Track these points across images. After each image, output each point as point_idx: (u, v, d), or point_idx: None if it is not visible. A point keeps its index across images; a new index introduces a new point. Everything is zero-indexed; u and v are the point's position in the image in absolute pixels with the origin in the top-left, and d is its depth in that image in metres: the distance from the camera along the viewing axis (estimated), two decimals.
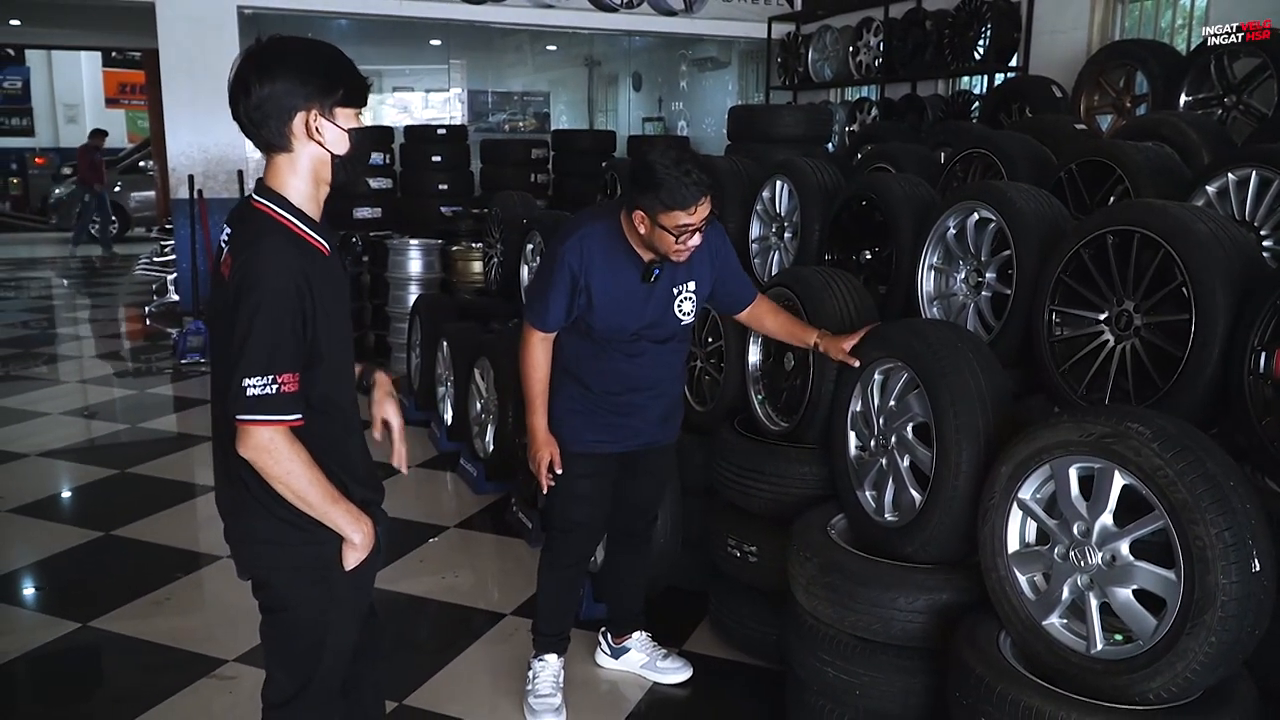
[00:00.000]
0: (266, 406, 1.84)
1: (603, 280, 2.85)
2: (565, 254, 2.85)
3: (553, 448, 3.00)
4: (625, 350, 2.96)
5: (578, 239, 2.87)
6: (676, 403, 3.19)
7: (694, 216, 2.69)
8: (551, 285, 2.87)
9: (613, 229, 2.88)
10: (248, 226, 1.93)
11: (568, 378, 3.01)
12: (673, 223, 2.69)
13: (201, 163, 8.70)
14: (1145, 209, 2.76)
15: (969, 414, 2.55)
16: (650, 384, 3.03)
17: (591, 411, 3.01)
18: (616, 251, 2.87)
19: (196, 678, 3.35)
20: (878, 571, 2.65)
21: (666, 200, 2.66)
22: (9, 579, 4.13)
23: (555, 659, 3.23)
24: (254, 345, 1.82)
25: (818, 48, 9.59)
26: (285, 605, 2.06)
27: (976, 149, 4.25)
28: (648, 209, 2.71)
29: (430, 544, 4.52)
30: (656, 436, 3.14)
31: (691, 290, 2.97)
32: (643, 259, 2.87)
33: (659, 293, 2.92)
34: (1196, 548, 1.97)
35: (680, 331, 3.03)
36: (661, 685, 3.35)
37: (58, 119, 21.17)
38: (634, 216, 2.77)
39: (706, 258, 2.98)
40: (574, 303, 2.87)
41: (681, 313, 2.97)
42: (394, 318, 7.65)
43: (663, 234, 2.72)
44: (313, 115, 1.91)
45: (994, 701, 2.16)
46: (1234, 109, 5.22)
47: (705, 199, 2.70)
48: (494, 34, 11.49)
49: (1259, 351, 2.44)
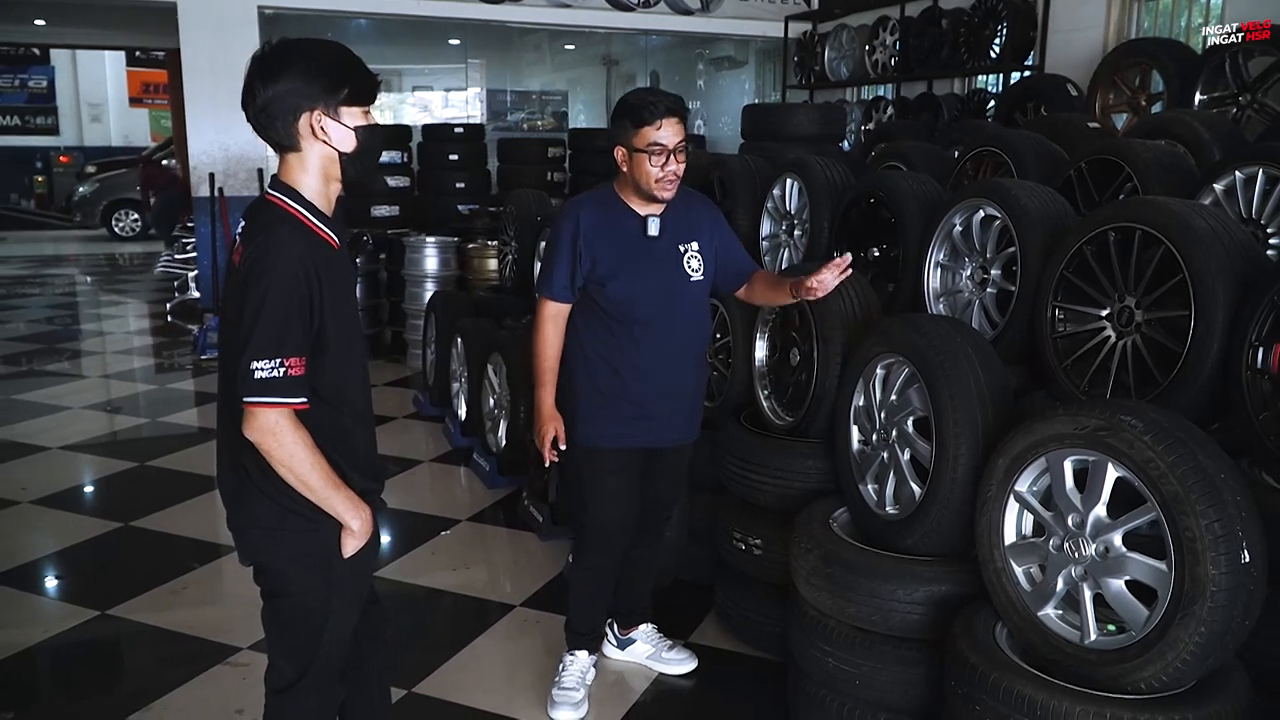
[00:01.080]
0: (273, 389, 1.88)
1: (603, 240, 2.93)
2: (561, 222, 2.98)
3: (557, 423, 3.02)
4: (639, 318, 2.95)
5: (573, 206, 3.02)
6: (699, 394, 3.18)
7: (662, 133, 2.79)
8: (554, 252, 2.96)
9: (607, 194, 3.00)
10: (260, 217, 2.00)
11: (589, 366, 3.01)
12: (644, 141, 2.79)
13: (222, 161, 8.79)
14: (1146, 206, 2.78)
15: (968, 408, 2.58)
16: (667, 370, 3.01)
17: (615, 404, 3.00)
18: (613, 209, 2.97)
19: (211, 665, 3.41)
20: (877, 564, 2.68)
21: (634, 118, 2.79)
22: (31, 568, 4.21)
23: (585, 655, 3.24)
24: (262, 329, 1.88)
25: (834, 46, 9.59)
26: (286, 591, 2.11)
27: (987, 147, 4.27)
28: (622, 137, 2.84)
29: (443, 537, 4.57)
30: (680, 434, 3.14)
31: (696, 249, 3.01)
32: (639, 214, 2.95)
33: (664, 249, 2.97)
34: (1186, 539, 1.99)
35: (690, 293, 3.01)
36: (667, 676, 3.39)
37: (82, 118, 21.38)
38: (616, 155, 2.88)
39: (706, 223, 3.06)
40: (577, 267, 2.92)
41: (690, 269, 2.99)
42: (410, 314, 7.73)
43: (640, 160, 2.82)
44: (317, 115, 1.96)
45: (989, 691, 2.19)
46: (1248, 108, 5.21)
47: (673, 119, 2.80)
48: (512, 33, 11.55)
49: (1257, 347, 2.47)
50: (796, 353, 3.40)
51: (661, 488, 3.23)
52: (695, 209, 3.07)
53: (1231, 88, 5.29)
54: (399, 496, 4.97)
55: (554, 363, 3.02)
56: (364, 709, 2.41)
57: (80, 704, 3.25)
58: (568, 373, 3.07)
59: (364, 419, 2.18)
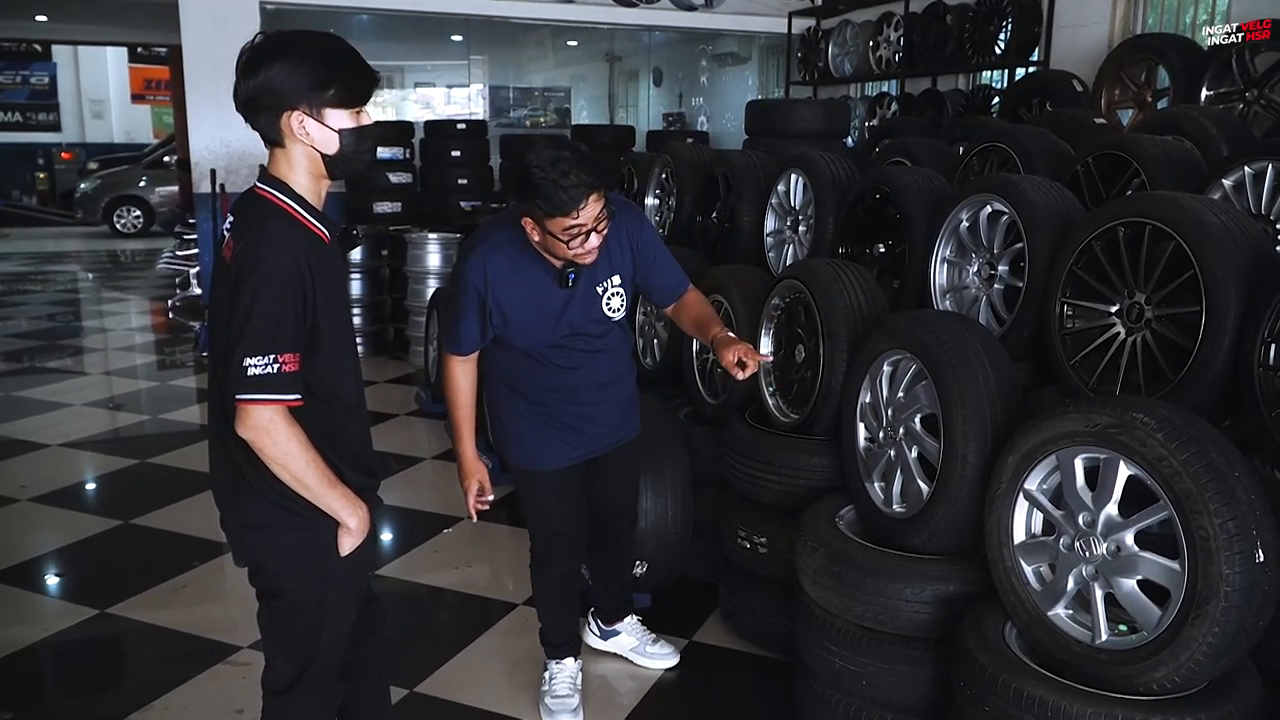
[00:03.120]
0: (267, 385, 1.85)
1: (513, 295, 2.70)
2: (468, 274, 2.68)
3: (481, 475, 2.89)
4: (558, 361, 2.82)
5: (479, 257, 2.69)
6: (630, 400, 3.06)
7: (580, 218, 2.50)
8: (459, 309, 2.72)
9: (516, 238, 2.67)
10: (250, 212, 1.96)
11: (511, 394, 2.90)
12: (559, 228, 2.51)
13: (224, 157, 8.76)
14: (1156, 200, 2.75)
15: (976, 405, 2.55)
16: (594, 387, 2.90)
17: (543, 426, 2.90)
18: (525, 261, 2.69)
19: (211, 664, 3.39)
20: (884, 562, 2.65)
21: (545, 207, 2.48)
22: (30, 566, 4.19)
23: (571, 661, 3.20)
24: (255, 325, 1.84)
25: (838, 43, 9.55)
26: (282, 590, 2.08)
27: (993, 143, 4.24)
28: (533, 215, 2.55)
29: (444, 534, 4.55)
30: (616, 436, 3.03)
31: (617, 285, 2.80)
32: (554, 264, 2.69)
33: (581, 294, 2.75)
34: (1200, 538, 1.96)
35: (613, 331, 2.88)
36: (668, 676, 3.37)
37: (84, 114, 21.40)
38: (524, 223, 2.60)
39: (625, 246, 2.80)
40: (486, 323, 2.72)
41: (611, 310, 2.80)
42: (412, 311, 7.71)
43: (554, 240, 2.55)
44: (299, 115, 1.91)
45: (999, 691, 2.16)
46: (1255, 103, 5.18)
47: (592, 197, 2.50)
48: (515, 29, 11.51)
49: (1269, 343, 2.43)
50: (802, 349, 3.37)
51: (613, 491, 3.16)
52: (616, 233, 2.72)
53: (1238, 84, 5.26)
54: (401, 494, 4.95)
55: (469, 410, 2.85)
56: (365, 708, 2.39)
57: (79, 703, 3.23)
58: (492, 404, 2.98)
59: (357, 414, 2.15)
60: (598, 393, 2.92)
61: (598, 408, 2.94)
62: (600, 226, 2.57)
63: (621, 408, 3.03)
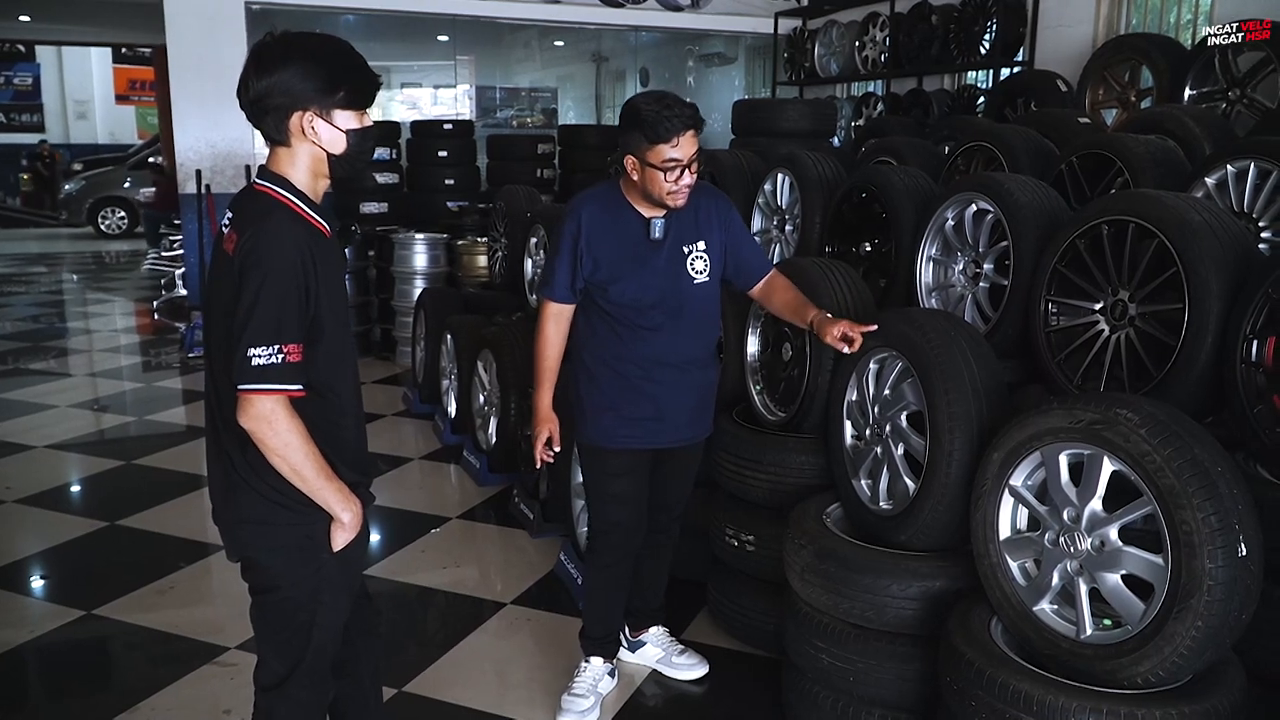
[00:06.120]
0: (271, 375, 1.86)
1: (605, 242, 2.86)
2: (567, 220, 2.91)
3: (553, 425, 2.99)
4: (642, 322, 2.89)
5: (575, 207, 2.94)
6: (708, 390, 3.10)
7: (679, 150, 2.70)
8: (556, 254, 2.91)
9: (612, 193, 2.91)
10: (251, 206, 1.97)
11: (594, 367, 2.97)
12: (659, 158, 2.70)
13: (209, 158, 8.74)
14: (1140, 199, 2.77)
15: (961, 402, 2.56)
16: (675, 360, 2.94)
17: (621, 405, 2.94)
18: (617, 211, 2.89)
19: (199, 665, 3.38)
20: (871, 559, 2.66)
21: (649, 134, 2.68)
22: (15, 568, 4.17)
23: (600, 663, 3.19)
24: (260, 315, 1.85)
25: (824, 43, 9.58)
26: (275, 586, 2.08)
27: (978, 142, 4.26)
28: (635, 149, 2.74)
29: (433, 534, 4.54)
30: (688, 433, 3.06)
31: (702, 250, 2.92)
32: (644, 216, 2.87)
33: (668, 252, 2.88)
34: (1183, 533, 1.98)
35: (697, 296, 2.93)
36: (661, 674, 3.36)
37: (68, 115, 21.31)
38: (626, 163, 2.79)
39: (715, 220, 2.96)
40: (578, 268, 2.87)
41: (694, 271, 2.91)
42: (399, 311, 7.71)
43: (653, 174, 2.73)
44: (309, 115, 1.94)
45: (985, 686, 2.17)
46: (1238, 103, 5.22)
47: (689, 133, 2.71)
48: (502, 30, 11.52)
49: (1252, 340, 2.46)
50: (789, 347, 3.38)
51: (670, 488, 3.18)
52: (703, 205, 2.94)
53: (1221, 83, 5.30)
54: (389, 494, 4.94)
55: (554, 363, 2.97)
56: (357, 705, 2.39)
57: (66, 705, 3.21)
58: (572, 373, 3.03)
59: (353, 412, 2.16)
60: (677, 372, 2.96)
61: (676, 388, 2.97)
62: (693, 166, 2.76)
63: (699, 395, 3.05)
